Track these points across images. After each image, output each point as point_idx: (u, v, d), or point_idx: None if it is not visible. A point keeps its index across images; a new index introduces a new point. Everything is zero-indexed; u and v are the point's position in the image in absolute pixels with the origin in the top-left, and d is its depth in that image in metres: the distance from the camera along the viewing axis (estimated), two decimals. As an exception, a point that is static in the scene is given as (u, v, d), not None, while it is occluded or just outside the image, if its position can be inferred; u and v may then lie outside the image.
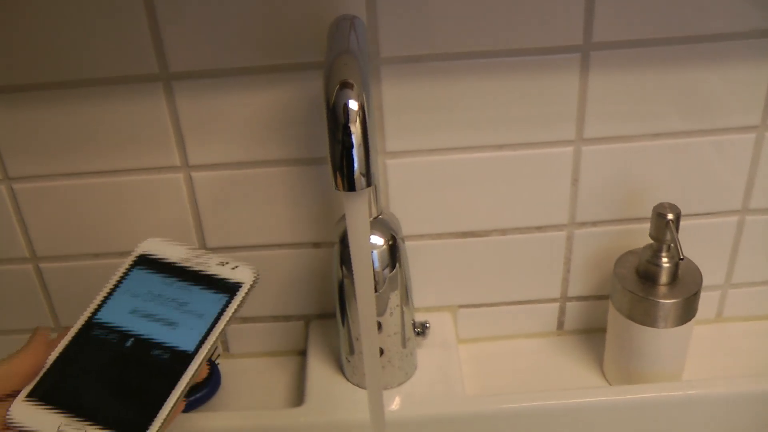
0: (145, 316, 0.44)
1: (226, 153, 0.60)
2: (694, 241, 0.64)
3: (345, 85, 0.41)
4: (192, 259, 0.46)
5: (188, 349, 0.42)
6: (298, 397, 0.66)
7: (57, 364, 0.42)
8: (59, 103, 0.57)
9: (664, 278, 0.60)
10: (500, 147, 0.61)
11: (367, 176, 0.42)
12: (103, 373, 0.42)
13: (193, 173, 0.61)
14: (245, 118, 0.59)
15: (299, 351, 0.71)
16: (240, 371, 0.70)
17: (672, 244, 0.59)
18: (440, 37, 0.56)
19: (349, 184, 0.42)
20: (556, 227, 0.65)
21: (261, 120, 0.59)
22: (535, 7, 0.55)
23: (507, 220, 0.64)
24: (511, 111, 0.59)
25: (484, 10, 0.55)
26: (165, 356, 0.42)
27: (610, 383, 0.66)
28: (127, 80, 0.57)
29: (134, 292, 0.45)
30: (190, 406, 0.66)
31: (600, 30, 0.56)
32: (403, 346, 0.62)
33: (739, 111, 0.60)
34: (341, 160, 0.41)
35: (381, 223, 0.58)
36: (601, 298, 0.69)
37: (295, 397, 0.67)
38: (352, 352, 0.62)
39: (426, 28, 0.55)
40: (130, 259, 0.46)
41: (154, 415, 0.40)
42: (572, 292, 0.69)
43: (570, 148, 0.61)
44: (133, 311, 0.44)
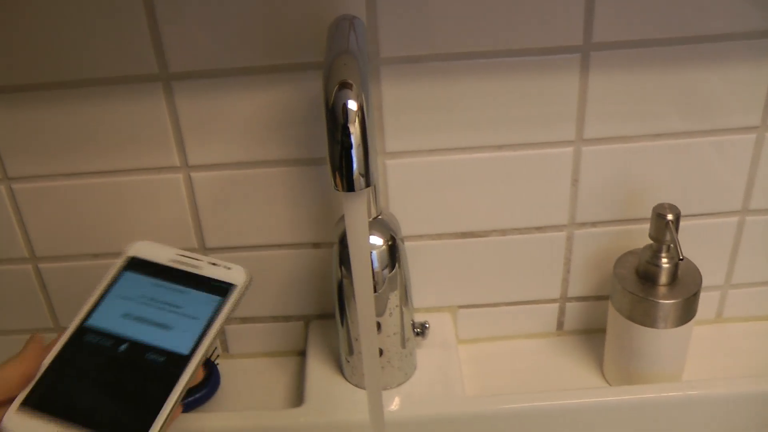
0: (138, 319, 0.43)
1: (226, 153, 0.60)
2: (694, 242, 0.64)
3: (344, 86, 0.41)
4: (183, 261, 0.45)
5: (183, 352, 0.42)
6: (298, 397, 0.65)
7: (50, 372, 0.42)
8: (59, 103, 0.57)
9: (663, 279, 0.60)
10: (500, 147, 0.61)
11: (366, 176, 0.42)
12: (98, 380, 0.41)
13: (193, 173, 0.61)
14: (245, 119, 0.58)
15: (299, 351, 0.71)
16: (239, 371, 0.70)
17: (672, 245, 0.59)
18: (440, 38, 0.56)
19: (348, 185, 0.42)
20: (556, 228, 0.65)
21: (261, 120, 0.59)
22: (535, 7, 0.55)
23: (507, 221, 0.64)
24: (511, 111, 0.59)
25: (484, 10, 0.55)
26: (160, 360, 0.41)
27: (609, 384, 0.66)
28: (127, 80, 0.57)
29: (126, 296, 0.44)
30: (189, 407, 0.66)
31: (600, 30, 0.56)
32: (403, 347, 0.62)
33: (740, 111, 0.60)
34: (340, 161, 0.41)
35: (380, 224, 0.58)
36: (601, 298, 0.69)
37: (294, 398, 0.67)
38: (352, 353, 0.62)
39: (426, 29, 0.55)
40: (120, 263, 0.46)
41: (152, 421, 0.39)
42: (572, 292, 0.69)
43: (570, 149, 0.61)
44: (126, 315, 0.43)
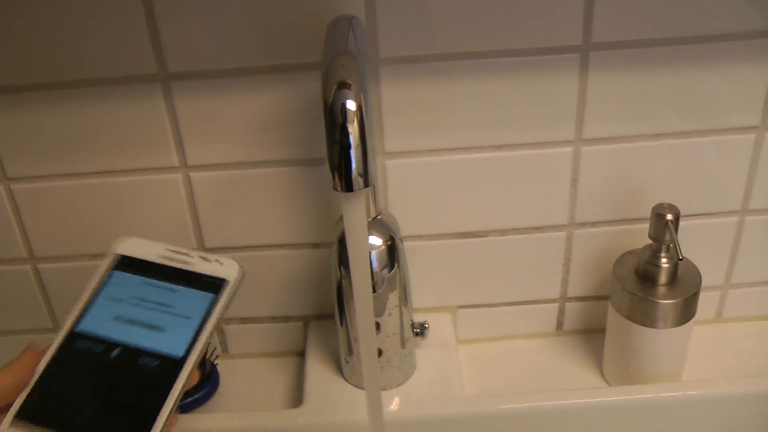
0: (130, 322, 0.42)
1: (225, 153, 0.60)
2: (693, 242, 0.64)
3: (343, 86, 0.41)
4: (173, 257, 0.43)
5: (177, 355, 0.40)
6: (297, 397, 0.65)
7: (42, 381, 0.40)
8: (57, 103, 0.57)
9: (663, 279, 0.60)
10: (499, 147, 0.61)
11: (365, 177, 0.42)
12: (92, 388, 0.40)
13: (192, 174, 0.61)
14: (244, 119, 0.58)
15: (298, 352, 0.71)
16: (239, 372, 0.69)
17: (671, 245, 0.59)
18: (439, 38, 0.56)
19: (347, 185, 0.42)
20: (556, 228, 0.65)
21: (260, 120, 0.59)
22: (535, 8, 0.55)
23: (506, 221, 0.64)
24: (510, 111, 0.59)
25: (483, 10, 0.55)
26: (154, 364, 0.40)
27: (609, 384, 0.66)
28: (126, 81, 0.57)
29: (116, 297, 0.42)
30: (188, 407, 0.65)
31: (599, 30, 0.56)
32: (402, 347, 0.62)
33: (739, 111, 0.60)
34: (339, 161, 0.41)
35: (379, 224, 0.58)
36: (601, 298, 0.69)
37: (293, 398, 0.66)
38: (351, 353, 0.62)
39: (425, 28, 0.55)
40: (107, 262, 0.44)
41: (150, 428, 0.38)
42: (571, 292, 0.69)
43: (569, 149, 0.61)
44: (117, 318, 0.42)
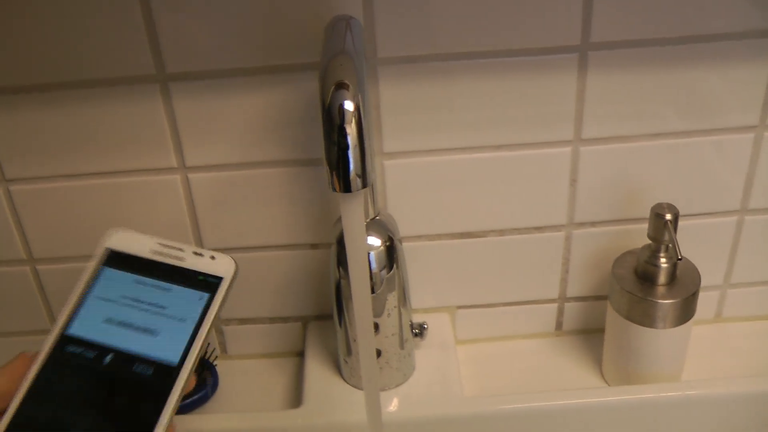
0: (122, 324, 0.40)
1: (224, 154, 0.60)
2: (692, 241, 0.64)
3: (340, 86, 0.41)
4: (164, 252, 0.42)
5: (173, 362, 0.39)
6: (296, 398, 0.65)
7: (33, 391, 0.38)
8: (56, 104, 0.57)
9: (662, 278, 0.60)
10: (498, 147, 0.60)
11: (363, 177, 0.42)
12: (84, 398, 0.38)
13: (190, 174, 0.61)
14: (242, 119, 0.58)
15: (297, 352, 0.71)
16: (238, 373, 0.69)
17: (670, 245, 0.59)
18: (437, 37, 0.56)
19: (345, 185, 0.42)
20: (555, 228, 0.65)
21: (258, 121, 0.58)
22: (533, 7, 0.55)
23: (505, 221, 0.64)
24: (509, 111, 0.59)
25: (482, 10, 0.55)
26: (149, 372, 0.38)
27: (608, 384, 0.66)
28: (124, 81, 0.57)
29: (107, 297, 0.40)
30: (187, 408, 0.65)
31: (598, 30, 0.56)
32: (401, 348, 0.62)
33: (738, 111, 0.60)
34: (337, 161, 0.41)
35: (378, 224, 0.58)
36: (600, 298, 0.69)
37: (293, 399, 0.66)
38: (350, 354, 0.62)
39: (423, 28, 0.55)
40: (98, 257, 0.42)
41: None
42: (571, 292, 0.69)
43: (568, 149, 0.61)
44: (108, 320, 0.40)
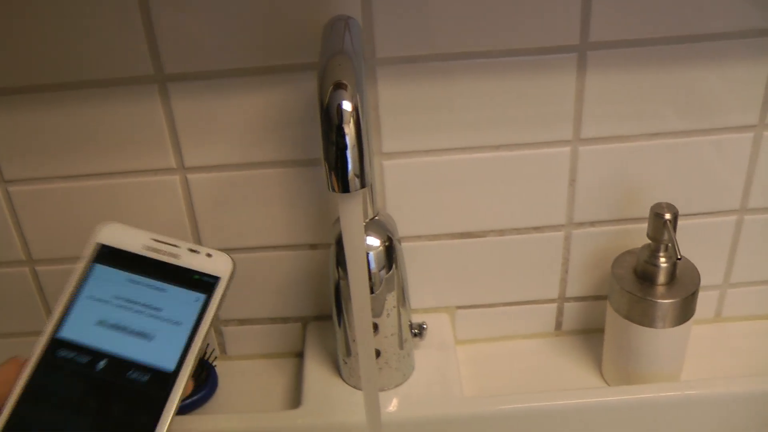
0: (115, 327, 0.38)
1: (222, 155, 0.60)
2: (692, 241, 0.64)
3: (339, 86, 0.41)
4: (159, 248, 0.40)
5: (169, 368, 0.37)
6: (296, 399, 0.65)
7: (24, 398, 0.36)
8: (55, 105, 0.57)
9: (662, 278, 0.60)
10: (497, 147, 0.60)
11: (362, 177, 0.42)
12: (76, 405, 0.36)
13: (189, 175, 0.61)
14: (241, 120, 0.58)
15: (296, 353, 0.71)
16: (237, 373, 0.69)
17: (669, 244, 0.59)
18: (436, 38, 0.55)
19: (343, 185, 0.42)
20: (554, 227, 0.65)
21: (257, 121, 0.58)
22: (532, 7, 0.55)
23: (504, 221, 0.64)
24: (508, 111, 0.59)
25: (481, 10, 0.55)
26: (143, 379, 0.37)
27: (608, 384, 0.66)
28: (123, 82, 0.57)
29: (99, 297, 0.38)
30: (187, 409, 0.65)
31: (597, 29, 0.56)
32: (401, 348, 0.62)
33: (737, 110, 0.60)
34: (335, 161, 0.41)
35: (377, 225, 0.58)
36: (599, 298, 0.69)
37: (292, 399, 0.66)
38: (349, 354, 0.62)
39: (422, 29, 0.55)
40: (89, 253, 0.39)
41: None
42: (570, 292, 0.69)
43: (567, 148, 0.61)
44: (101, 322, 0.38)
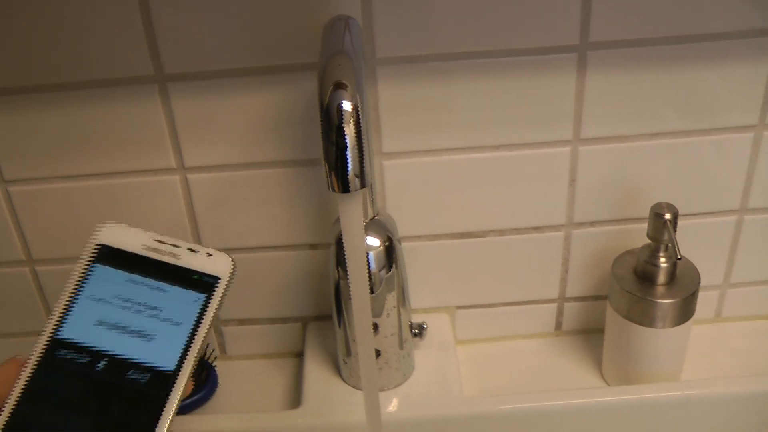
0: (115, 327, 0.38)
1: (222, 155, 0.60)
2: (692, 241, 0.64)
3: (339, 86, 0.41)
4: (159, 248, 0.40)
5: (169, 368, 0.37)
6: (296, 399, 0.65)
7: (24, 398, 0.36)
8: (55, 104, 0.57)
9: (662, 278, 0.60)
10: (497, 147, 0.60)
11: (362, 177, 0.42)
12: (77, 405, 0.36)
13: (189, 175, 0.61)
14: (241, 120, 0.58)
15: (296, 353, 0.71)
16: (237, 373, 0.69)
17: (670, 244, 0.59)
18: (436, 38, 0.55)
19: (343, 185, 0.42)
20: (554, 227, 0.65)
21: (257, 121, 0.58)
22: (532, 7, 0.55)
23: (504, 221, 0.64)
24: (508, 111, 0.59)
25: (481, 10, 0.55)
26: (143, 380, 0.37)
27: (608, 384, 0.66)
28: (123, 82, 0.57)
29: (99, 297, 0.38)
30: (187, 409, 0.65)
31: (597, 29, 0.56)
32: (400, 348, 0.62)
33: (737, 110, 0.60)
34: (335, 161, 0.41)
35: (377, 225, 0.58)
36: (599, 298, 0.69)
37: (292, 399, 0.66)
38: (349, 354, 0.62)
39: (422, 29, 0.55)
40: (89, 253, 0.40)
41: None
42: (570, 292, 0.69)
43: (567, 148, 0.61)
44: (101, 322, 0.38)
